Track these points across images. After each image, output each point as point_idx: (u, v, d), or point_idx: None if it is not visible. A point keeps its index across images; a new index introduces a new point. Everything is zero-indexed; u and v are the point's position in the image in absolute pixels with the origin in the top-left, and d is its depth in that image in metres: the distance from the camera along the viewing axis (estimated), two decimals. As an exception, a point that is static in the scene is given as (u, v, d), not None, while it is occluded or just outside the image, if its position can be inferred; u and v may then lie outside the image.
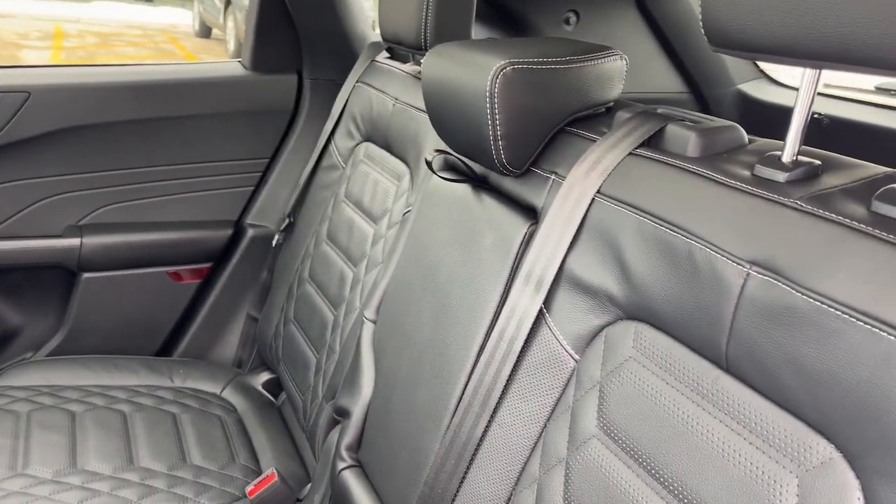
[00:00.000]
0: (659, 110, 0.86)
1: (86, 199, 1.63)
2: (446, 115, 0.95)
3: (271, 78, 1.76)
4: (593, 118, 0.93)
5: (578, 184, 0.81)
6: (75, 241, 1.61)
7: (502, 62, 0.85)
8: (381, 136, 1.39)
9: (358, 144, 1.49)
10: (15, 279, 1.62)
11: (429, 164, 1.05)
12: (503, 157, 0.89)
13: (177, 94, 1.67)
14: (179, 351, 1.76)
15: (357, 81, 1.53)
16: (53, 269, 1.63)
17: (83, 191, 1.63)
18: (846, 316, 0.53)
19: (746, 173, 0.70)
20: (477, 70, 0.87)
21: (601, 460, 0.73)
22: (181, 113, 1.68)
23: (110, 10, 10.60)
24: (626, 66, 0.95)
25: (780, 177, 0.66)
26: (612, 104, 0.95)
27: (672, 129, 0.79)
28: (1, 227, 1.57)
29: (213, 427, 1.45)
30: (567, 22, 1.71)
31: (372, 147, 1.44)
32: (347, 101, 1.54)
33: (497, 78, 0.84)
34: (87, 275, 1.64)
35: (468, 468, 0.87)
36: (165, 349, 1.76)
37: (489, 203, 0.97)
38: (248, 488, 1.25)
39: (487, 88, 0.85)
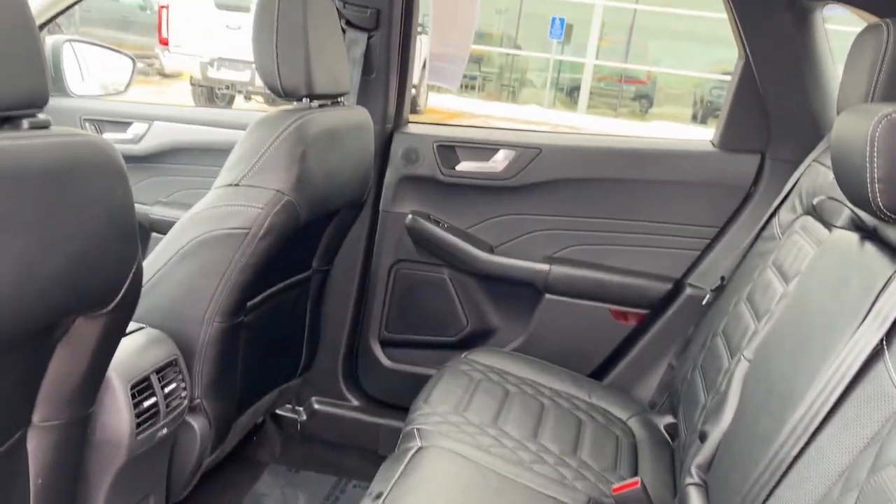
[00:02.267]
0: None
1: (561, 236, 2.04)
2: (835, 162, 1.03)
3: (735, 156, 1.93)
4: None
5: None
6: (545, 268, 2.02)
7: (889, 110, 0.91)
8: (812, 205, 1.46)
9: (797, 218, 1.56)
10: (503, 288, 2.11)
11: (813, 207, 1.12)
12: (880, 201, 0.93)
13: (649, 161, 1.97)
14: (605, 379, 2.02)
15: (813, 160, 1.60)
16: (527, 287, 2.07)
17: (560, 230, 2.04)
18: None
19: None
20: (863, 116, 0.94)
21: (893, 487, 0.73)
22: (649, 178, 1.97)
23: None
24: None
25: None
26: None
27: None
28: (504, 246, 2.08)
29: (609, 440, 1.66)
30: None
31: (809, 220, 1.49)
32: (800, 178, 1.62)
33: (879, 124, 0.91)
34: (549, 296, 2.04)
35: (776, 485, 0.92)
36: (595, 373, 2.04)
37: (865, 247, 1.00)
38: (614, 486, 1.42)
39: (869, 133, 0.92)
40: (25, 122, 0.83)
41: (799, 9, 1.76)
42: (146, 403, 1.30)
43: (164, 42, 8.83)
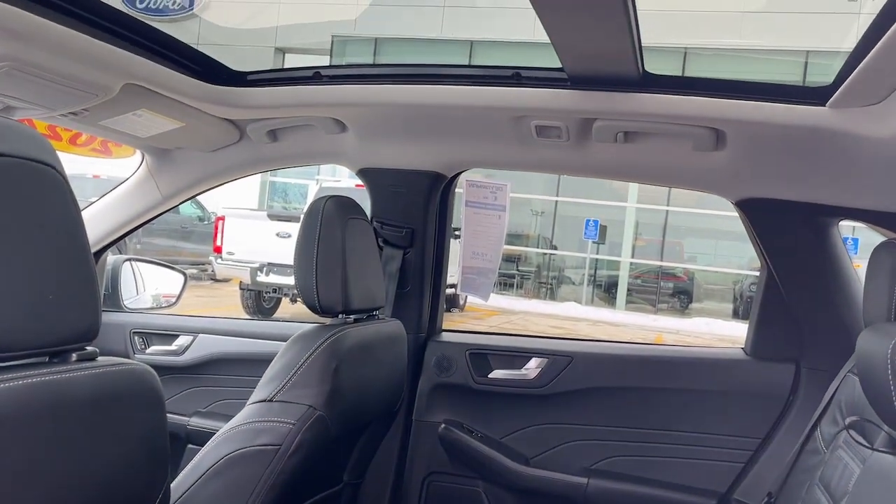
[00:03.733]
0: None
1: (598, 447, 1.99)
2: (862, 380, 1.03)
3: (770, 365, 1.91)
4: None
5: None
6: (583, 481, 1.95)
7: None
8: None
9: (840, 431, 1.51)
10: (542, 502, 2.03)
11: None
12: None
13: (683, 370, 1.96)
14: None
15: (847, 372, 1.58)
16: (565, 501, 1.98)
17: (597, 440, 2.00)
18: None
19: None
20: (883, 336, 0.96)
21: None
22: (684, 386, 1.95)
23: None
24: None
25: None
26: None
27: None
28: (540, 457, 2.03)
29: None
30: None
31: (852, 435, 1.45)
32: (837, 389, 1.59)
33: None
34: None
35: None
36: None
37: None
38: None
39: (888, 355, 0.93)
40: (74, 355, 0.89)
41: (815, 224, 1.83)
42: None
43: (218, 250, 9.38)
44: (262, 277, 9.08)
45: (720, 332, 11.85)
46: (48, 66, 1.33)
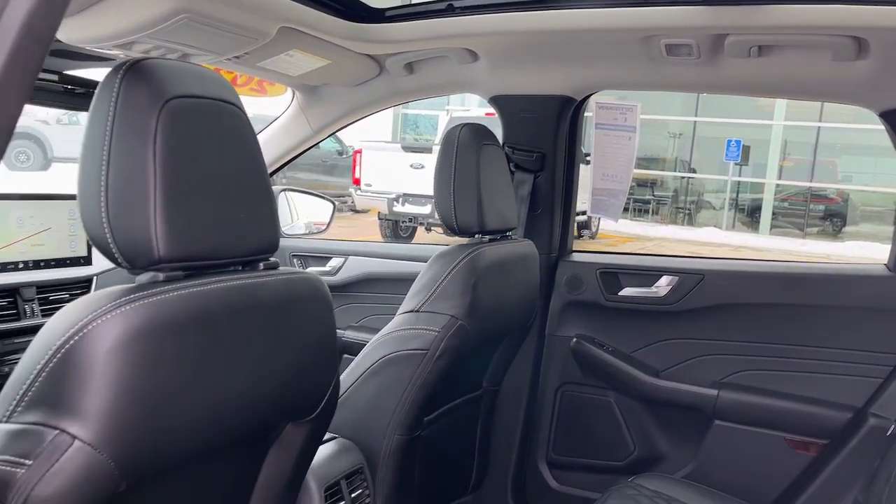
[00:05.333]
0: None
1: (729, 361, 2.04)
2: None
3: None
4: None
5: None
6: (713, 393, 2.01)
7: None
8: None
9: None
10: (670, 413, 2.11)
11: None
12: None
13: (819, 286, 1.95)
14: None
15: None
16: (696, 412, 2.06)
17: (728, 355, 2.04)
18: None
19: None
20: None
21: None
22: (820, 303, 1.94)
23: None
24: None
25: None
26: None
27: None
28: (670, 370, 2.11)
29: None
30: None
31: None
32: None
33: None
34: (718, 422, 2.02)
35: None
36: (774, 507, 1.95)
37: None
38: None
39: None
40: (261, 265, 1.07)
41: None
42: (335, 506, 1.46)
43: (357, 182, 9.80)
44: (398, 207, 9.43)
45: (875, 256, 11.07)
46: (218, 16, 1.51)
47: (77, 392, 0.80)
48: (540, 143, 2.13)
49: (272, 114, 2.48)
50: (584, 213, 3.01)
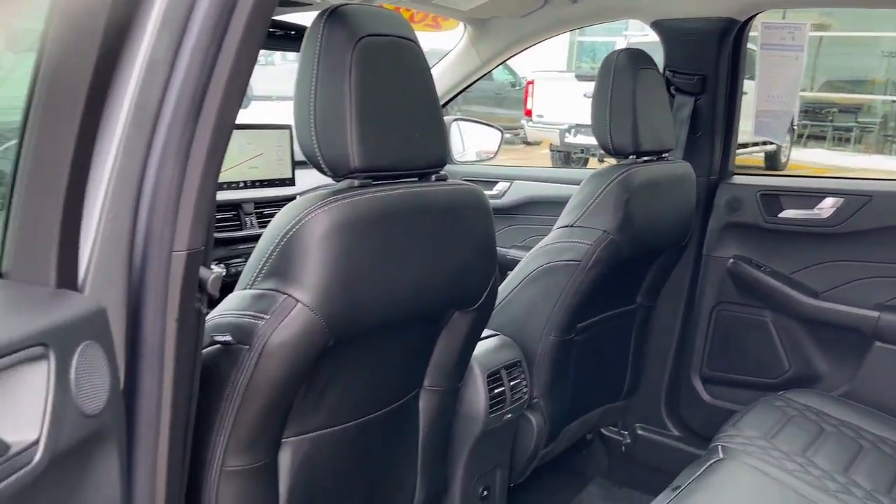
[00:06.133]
0: None
1: (893, 284, 2.01)
2: None
3: None
4: None
5: None
6: (875, 314, 2.00)
7: None
8: None
9: None
10: (828, 334, 2.13)
11: None
12: None
13: None
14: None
15: None
16: (855, 333, 2.06)
17: (892, 277, 2.01)
18: None
19: None
20: None
21: None
22: None
23: None
24: None
25: None
26: None
27: None
28: (830, 292, 2.11)
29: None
30: None
31: None
32: None
33: None
34: (878, 343, 2.01)
35: None
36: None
37: None
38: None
39: None
40: (433, 176, 1.28)
41: None
42: (496, 391, 1.70)
43: (529, 113, 9.87)
44: (569, 138, 9.42)
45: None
46: None
47: (298, 267, 1.06)
48: (701, 65, 2.16)
49: (445, 48, 2.69)
50: (768, 143, 2.95)
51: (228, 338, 1.06)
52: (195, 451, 1.03)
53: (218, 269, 0.94)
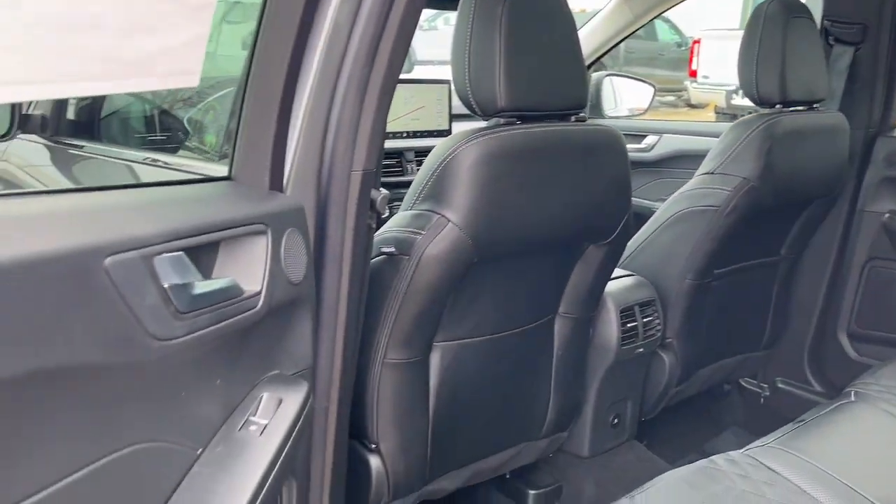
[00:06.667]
0: None
1: None
2: None
3: None
4: None
5: None
6: None
7: None
8: None
9: None
10: None
11: None
12: None
13: None
14: None
15: None
16: None
17: None
18: None
19: None
20: None
21: None
22: None
23: None
24: None
25: None
26: None
27: None
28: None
29: None
30: None
31: None
32: None
33: None
34: None
35: None
36: None
37: None
38: None
39: None
40: (573, 118, 1.43)
41: None
42: (629, 325, 1.82)
43: (693, 74, 9.52)
44: (737, 100, 8.99)
45: None
46: None
47: (450, 191, 1.25)
48: (862, 14, 2.10)
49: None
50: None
51: (392, 249, 1.27)
52: (362, 345, 1.26)
53: (385, 191, 1.15)
